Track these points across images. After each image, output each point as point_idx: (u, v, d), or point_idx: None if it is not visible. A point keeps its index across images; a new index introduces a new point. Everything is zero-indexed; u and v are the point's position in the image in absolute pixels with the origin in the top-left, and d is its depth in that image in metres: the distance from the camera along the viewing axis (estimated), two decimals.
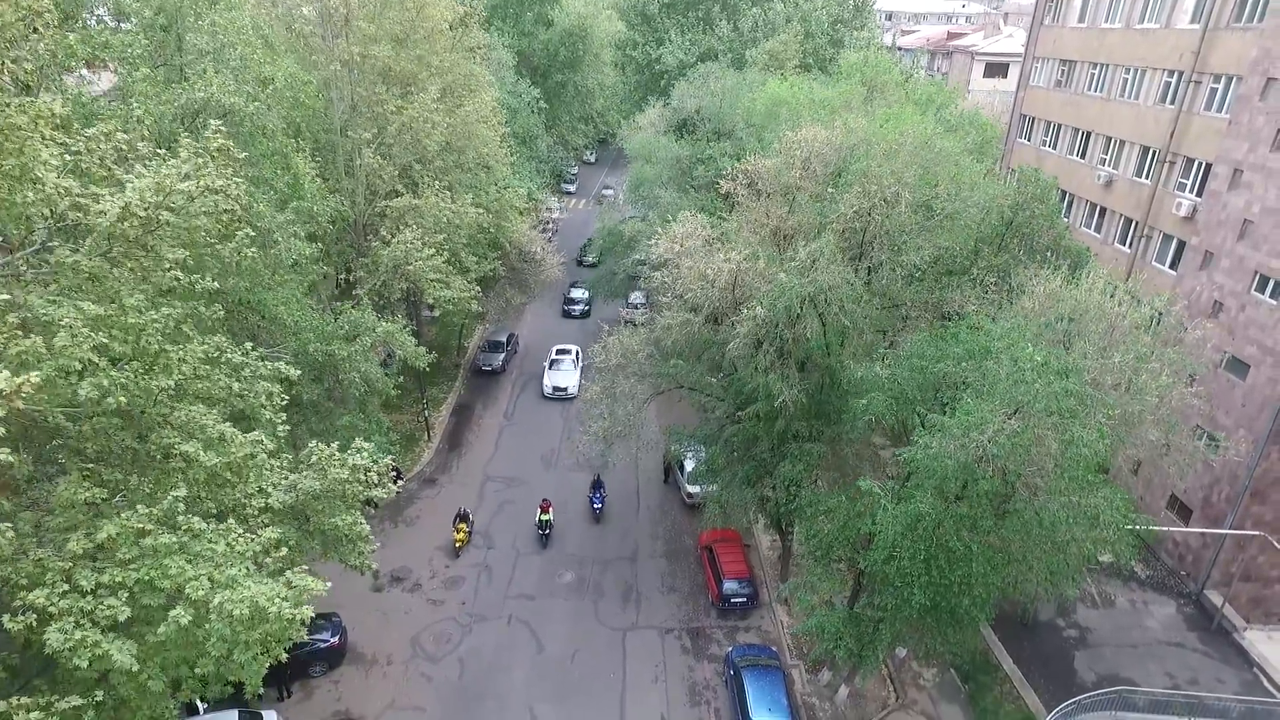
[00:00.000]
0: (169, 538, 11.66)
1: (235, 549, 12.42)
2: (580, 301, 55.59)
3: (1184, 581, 31.50)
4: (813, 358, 23.37)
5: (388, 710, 24.80)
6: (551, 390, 43.98)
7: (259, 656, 12.92)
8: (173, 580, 11.52)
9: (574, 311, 55.29)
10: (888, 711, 25.05)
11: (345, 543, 17.18)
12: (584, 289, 55.33)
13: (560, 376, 44.63)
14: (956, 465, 18.07)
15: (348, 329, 23.16)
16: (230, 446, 13.07)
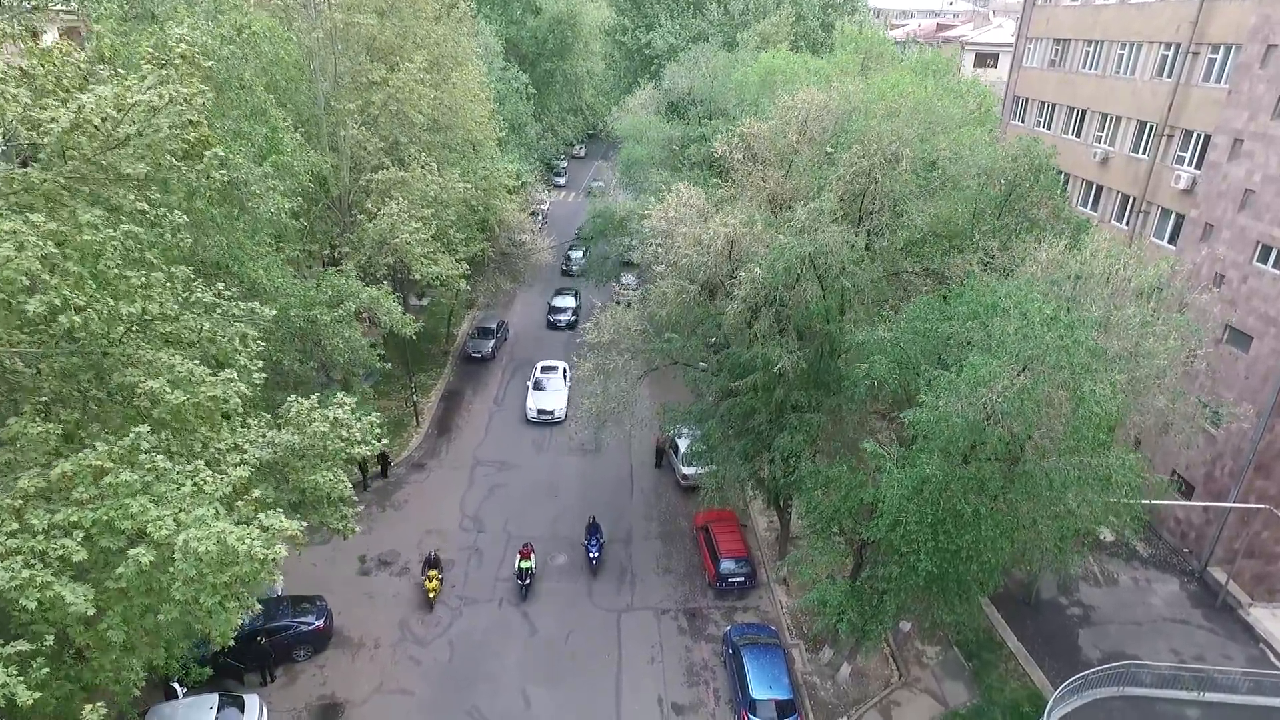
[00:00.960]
0: (130, 475, 10.83)
1: (203, 490, 11.59)
2: (566, 310, 50.51)
3: (1186, 559, 31.03)
4: (812, 324, 22.75)
5: (375, 694, 23.95)
6: (536, 414, 38.88)
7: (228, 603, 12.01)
8: (134, 521, 10.70)
9: (559, 322, 49.98)
10: (891, 689, 24.39)
11: (326, 504, 16.27)
12: (570, 296, 51.28)
13: (545, 398, 39.70)
14: (964, 424, 17.45)
15: (330, 294, 22.32)
16: (199, 387, 12.22)
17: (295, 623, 24.87)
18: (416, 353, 43.21)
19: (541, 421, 38.75)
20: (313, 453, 15.41)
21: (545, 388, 40.30)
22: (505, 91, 51.38)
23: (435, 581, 27.26)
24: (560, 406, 39.00)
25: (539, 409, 39.02)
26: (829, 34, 51.01)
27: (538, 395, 39.69)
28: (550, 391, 39.86)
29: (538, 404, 39.23)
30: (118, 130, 11.05)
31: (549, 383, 40.60)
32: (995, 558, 18.47)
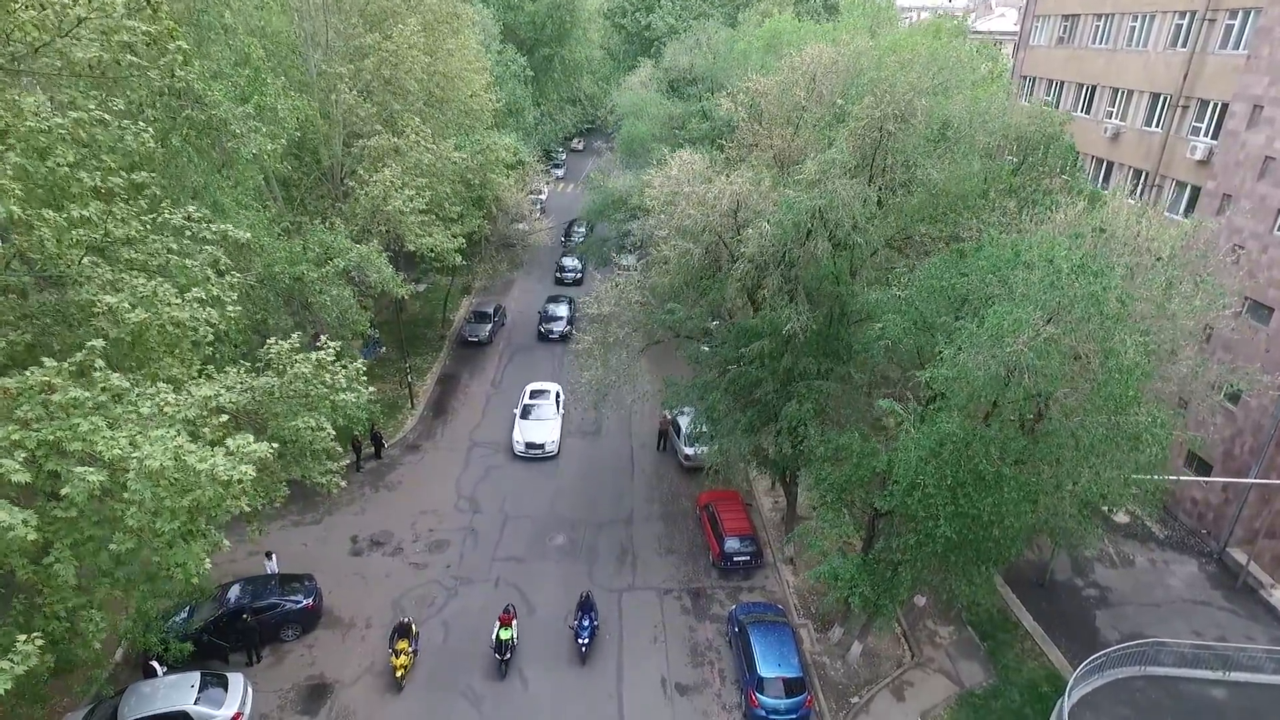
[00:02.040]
0: (81, 392, 9.83)
1: (164, 411, 10.58)
2: (559, 320, 45.18)
3: (1204, 540, 30.11)
4: (822, 287, 21.81)
5: (365, 674, 22.94)
6: (524, 447, 33.26)
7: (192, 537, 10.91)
8: (84, 443, 9.70)
9: (552, 332, 44.83)
10: (904, 669, 23.42)
11: (308, 456, 15.26)
12: (564, 304, 46.32)
13: (535, 429, 34.00)
14: (986, 379, 16.52)
15: (318, 251, 21.34)
16: (164, 308, 11.21)
17: (283, 600, 23.86)
18: (412, 337, 42.32)
19: (530, 457, 33.46)
20: (294, 398, 14.41)
21: (535, 416, 34.95)
22: (503, 75, 50.50)
23: (405, 657, 22.15)
24: (553, 440, 33.76)
25: (528, 442, 33.51)
26: (832, 15, 50.23)
27: (526, 425, 34.37)
28: (541, 421, 34.72)
29: (526, 436, 33.76)
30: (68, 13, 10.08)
31: (539, 410, 35.23)
32: (1018, 522, 17.50)
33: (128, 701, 19.94)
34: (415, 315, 47.09)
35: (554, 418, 35.01)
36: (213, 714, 20.14)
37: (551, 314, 46.01)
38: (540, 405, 35.51)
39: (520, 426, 34.33)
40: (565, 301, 47.33)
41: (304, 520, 29.58)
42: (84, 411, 9.80)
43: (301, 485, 31.05)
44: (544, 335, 45.32)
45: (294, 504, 30.31)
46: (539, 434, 33.82)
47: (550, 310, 46.41)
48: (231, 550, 27.20)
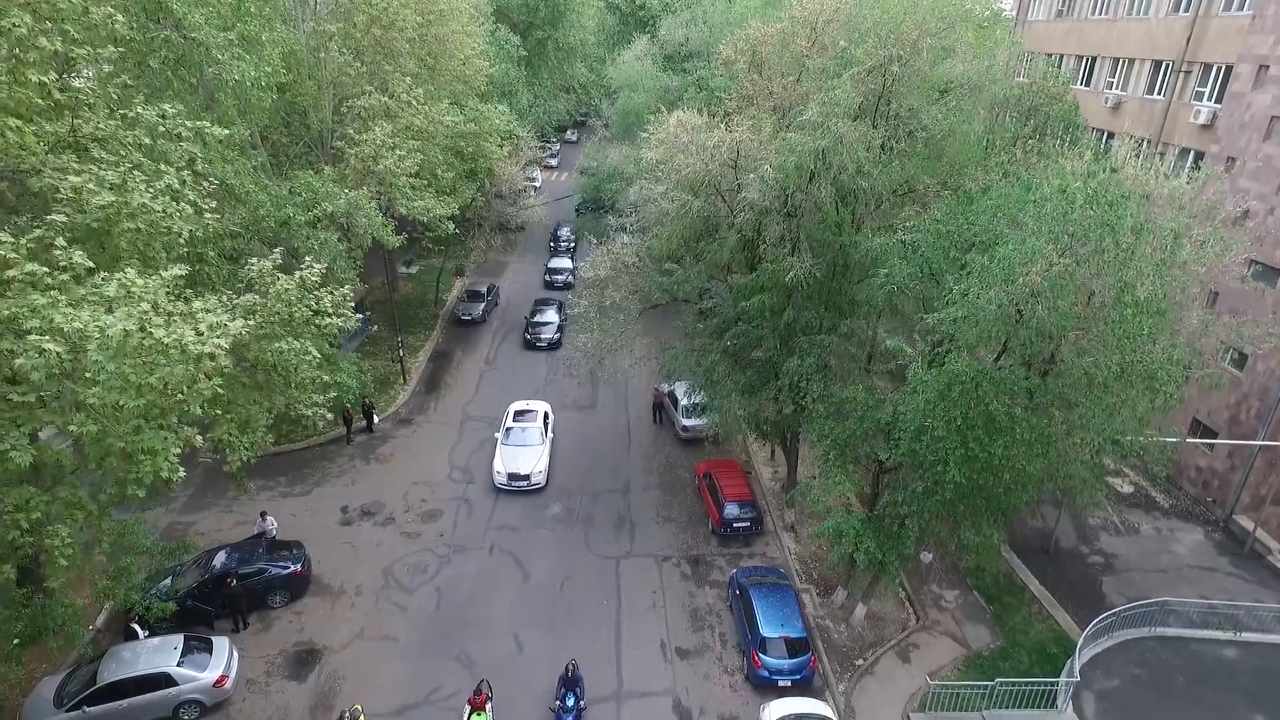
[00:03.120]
0: (38, 267, 9.14)
1: (131, 291, 9.86)
2: (547, 326, 40.95)
3: (1210, 509, 29.68)
4: (825, 237, 21.25)
5: (356, 640, 22.24)
6: (506, 479, 28.32)
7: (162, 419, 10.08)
8: (42, 319, 8.99)
9: (540, 339, 40.31)
10: (909, 632, 22.86)
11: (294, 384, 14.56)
12: (553, 309, 42.00)
13: (519, 456, 28.87)
14: (998, 315, 16.00)
15: (305, 196, 20.63)
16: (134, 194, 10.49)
17: (270, 565, 23.14)
18: (404, 317, 41.63)
19: (513, 489, 28.44)
20: (277, 321, 13.72)
21: (518, 440, 29.70)
22: (497, 55, 49.79)
23: None
24: (539, 469, 28.62)
25: (510, 473, 28.26)
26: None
27: (509, 452, 29.13)
28: (526, 447, 29.40)
29: (509, 465, 28.45)
30: None
31: (524, 433, 29.98)
32: (1030, 466, 16.96)
33: (107, 665, 19.21)
34: (408, 295, 46.44)
35: (541, 443, 29.71)
36: (196, 676, 19.43)
37: (539, 319, 41.42)
38: (525, 428, 30.22)
39: (501, 454, 29.10)
40: (554, 306, 42.62)
41: (293, 491, 28.87)
42: (42, 287, 9.11)
43: (290, 456, 30.74)
44: (530, 343, 40.44)
45: (282, 475, 29.70)
46: (524, 462, 28.73)
47: (538, 315, 41.78)
48: (219, 520, 26.81)
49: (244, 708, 20.02)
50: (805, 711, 19.02)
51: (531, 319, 41.75)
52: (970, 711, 19.95)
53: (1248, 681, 21.28)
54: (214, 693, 19.60)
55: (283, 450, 31.24)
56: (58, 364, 8.84)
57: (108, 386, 9.18)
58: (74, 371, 9.22)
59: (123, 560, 18.00)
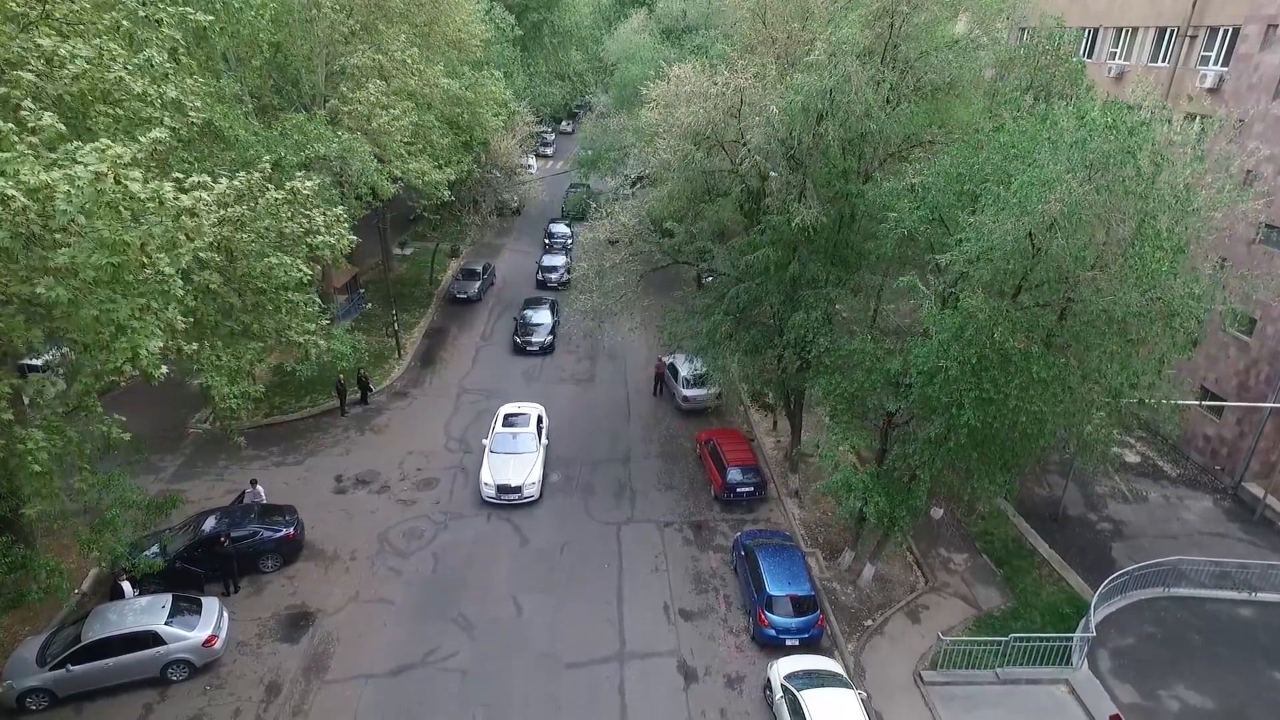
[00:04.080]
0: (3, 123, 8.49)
1: (107, 155, 9.19)
2: (540, 328, 37.09)
3: (1218, 477, 29.26)
4: (832, 185, 20.73)
5: (350, 603, 21.61)
6: (495, 491, 25.25)
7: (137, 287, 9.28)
8: (6, 175, 8.33)
9: (531, 343, 36.46)
10: (918, 594, 22.33)
11: (283, 307, 13.92)
12: (545, 309, 38.48)
13: (509, 465, 25.77)
14: (1014, 248, 15.50)
15: (297, 138, 20.00)
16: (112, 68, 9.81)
17: (262, 527, 22.50)
18: (399, 296, 40.93)
19: (502, 503, 25.44)
20: (267, 235, 13.09)
21: (508, 449, 26.52)
22: (493, 33, 49.26)
23: None
24: (532, 481, 25.53)
25: (499, 484, 25.18)
26: None
27: (497, 462, 25.94)
28: (517, 456, 26.22)
29: (498, 476, 25.36)
30: None
31: (515, 440, 26.89)
32: (1047, 407, 16.44)
33: (91, 626, 18.52)
34: (402, 276, 45.81)
35: (534, 450, 26.57)
36: (185, 635, 18.76)
37: (530, 321, 37.51)
38: (516, 435, 27.04)
39: (489, 463, 25.97)
40: (547, 306, 38.90)
41: (285, 461, 28.21)
42: (7, 146, 8.43)
43: (282, 427, 30.05)
44: (521, 347, 36.65)
45: (274, 446, 29.07)
46: (514, 473, 25.44)
47: (529, 316, 37.84)
48: (209, 489, 26.12)
49: (234, 669, 19.37)
50: (815, 668, 18.46)
51: (521, 320, 37.71)
52: (983, 669, 19.43)
53: (1266, 640, 20.84)
54: (203, 652, 18.94)
55: (275, 422, 30.64)
56: (23, 220, 8.16)
57: (78, 247, 8.50)
58: (42, 235, 8.56)
59: (107, 511, 17.35)
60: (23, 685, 17.72)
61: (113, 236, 8.87)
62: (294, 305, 14.77)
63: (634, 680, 19.34)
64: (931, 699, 18.73)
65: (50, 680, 17.86)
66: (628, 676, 19.46)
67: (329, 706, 18.39)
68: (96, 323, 9.63)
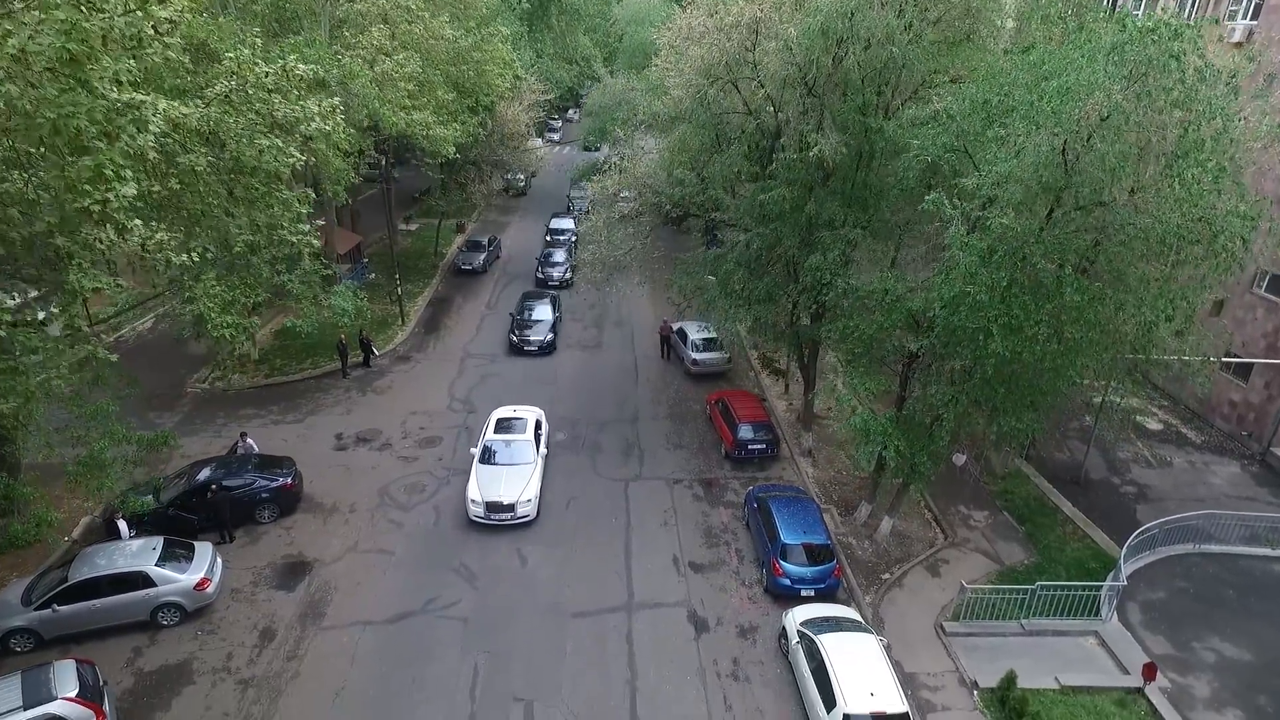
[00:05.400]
0: None
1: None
2: (539, 325, 33.32)
3: (1245, 443, 28.34)
4: (850, 119, 19.95)
5: (349, 553, 20.88)
6: (483, 510, 21.48)
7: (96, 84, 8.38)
8: None
9: (529, 342, 32.65)
10: (937, 548, 21.50)
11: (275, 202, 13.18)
12: (546, 305, 34.84)
13: (500, 479, 22.00)
14: (1048, 159, 14.70)
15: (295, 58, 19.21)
16: None
17: (258, 477, 21.79)
18: (404, 268, 40.20)
19: (493, 523, 21.57)
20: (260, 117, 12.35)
21: (501, 459, 22.85)
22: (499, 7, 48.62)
23: None
24: (527, 497, 21.70)
25: (489, 501, 21.41)
26: None
27: (488, 475, 22.19)
28: (511, 468, 22.41)
29: (487, 492, 21.59)
30: None
31: (508, 449, 23.21)
32: (1081, 334, 15.62)
33: (78, 569, 17.78)
34: (407, 249, 45.19)
35: (531, 461, 22.87)
36: (176, 578, 18.04)
37: (528, 317, 33.72)
38: (510, 444, 23.39)
39: (477, 477, 22.16)
40: (548, 300, 35.35)
41: (285, 420, 27.54)
42: None
43: (283, 388, 29.35)
44: (518, 347, 32.72)
45: (274, 405, 28.42)
46: (507, 488, 21.67)
47: (527, 312, 34.11)
48: (206, 445, 25.41)
49: (227, 615, 18.66)
50: (832, 615, 17.65)
51: (519, 316, 33.92)
52: (1008, 620, 18.59)
53: None
54: (195, 596, 18.22)
55: (275, 382, 30.02)
56: None
57: (29, 32, 7.68)
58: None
59: (94, 444, 16.69)
60: (7, 625, 17.03)
61: (69, 16, 8.03)
62: (286, 202, 14.05)
63: (642, 629, 18.56)
64: (954, 650, 17.90)
65: (35, 621, 17.17)
66: (636, 626, 18.67)
67: (325, 652, 17.65)
68: (54, 133, 8.81)
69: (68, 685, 14.65)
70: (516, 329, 33.34)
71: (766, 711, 16.48)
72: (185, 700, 16.34)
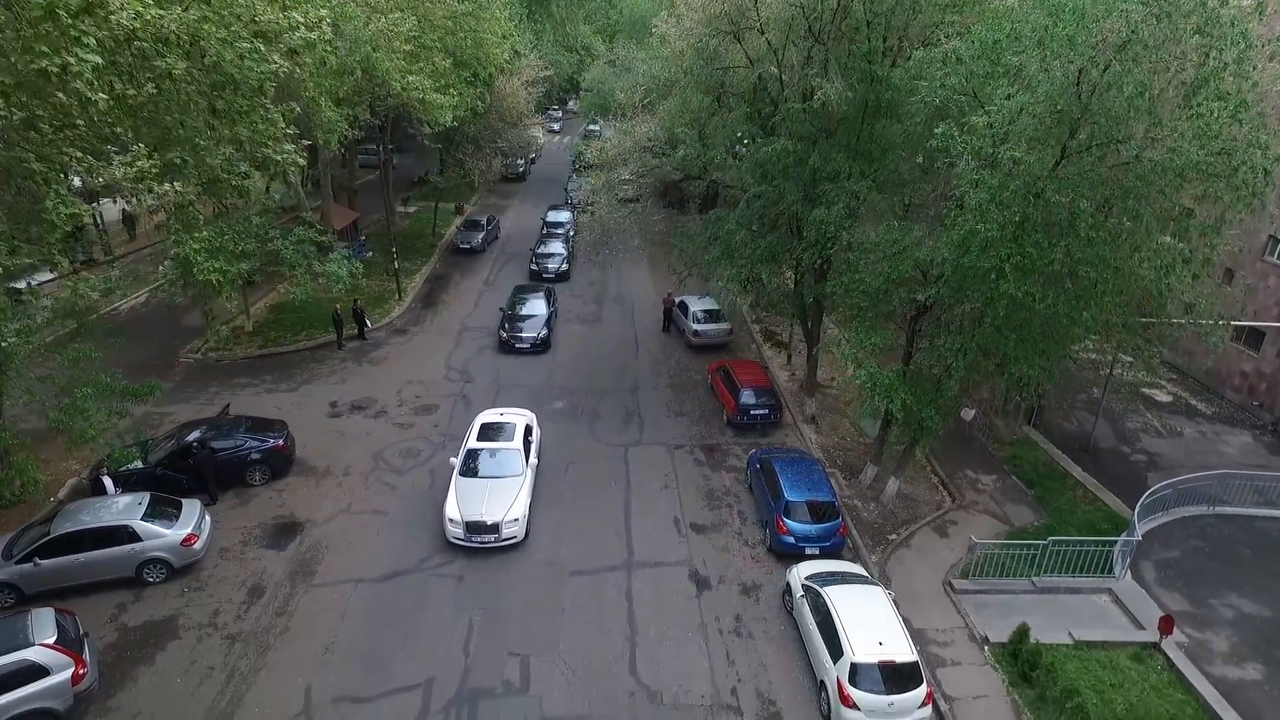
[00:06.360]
0: None
1: None
2: (532, 320, 30.50)
3: (1257, 414, 27.84)
4: (854, 66, 19.45)
5: (341, 514, 20.36)
6: (464, 530, 18.50)
7: None
8: None
9: (520, 338, 29.78)
10: (945, 510, 20.98)
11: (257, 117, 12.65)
12: (540, 299, 31.97)
13: (482, 496, 19.00)
14: (1062, 87, 14.21)
15: None
16: None
17: (248, 438, 21.26)
18: (403, 248, 39.71)
19: (475, 545, 18.64)
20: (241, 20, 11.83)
21: (485, 470, 19.96)
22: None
23: None
24: (514, 516, 18.75)
25: (469, 521, 18.45)
26: None
27: (468, 489, 19.25)
28: (496, 480, 19.57)
29: (468, 509, 18.63)
30: None
31: (493, 460, 20.26)
32: (1096, 274, 15.10)
33: (61, 524, 17.24)
34: (405, 230, 44.71)
35: (520, 473, 19.95)
36: (162, 532, 17.51)
37: (520, 312, 31.04)
38: (497, 452, 20.44)
39: (456, 491, 19.25)
40: (541, 294, 32.41)
41: (279, 388, 27.02)
42: None
43: (277, 358, 28.80)
44: (509, 344, 29.87)
45: (268, 375, 27.90)
46: (491, 505, 18.73)
47: (519, 306, 31.41)
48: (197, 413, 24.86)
49: (215, 573, 18.12)
50: (838, 570, 17.13)
51: (509, 310, 31.33)
52: (1019, 578, 18.06)
53: None
54: (182, 552, 17.68)
55: (269, 353, 29.50)
56: None
57: None
58: None
59: (77, 392, 16.18)
60: None
61: None
62: (270, 118, 13.51)
63: (642, 587, 18.03)
64: (964, 607, 17.36)
65: (16, 574, 16.63)
66: (636, 584, 18.14)
67: (315, 608, 17.12)
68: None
69: (45, 632, 14.12)
70: (507, 324, 30.45)
71: (770, 665, 15.94)
72: (170, 654, 15.81)
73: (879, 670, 14.00)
